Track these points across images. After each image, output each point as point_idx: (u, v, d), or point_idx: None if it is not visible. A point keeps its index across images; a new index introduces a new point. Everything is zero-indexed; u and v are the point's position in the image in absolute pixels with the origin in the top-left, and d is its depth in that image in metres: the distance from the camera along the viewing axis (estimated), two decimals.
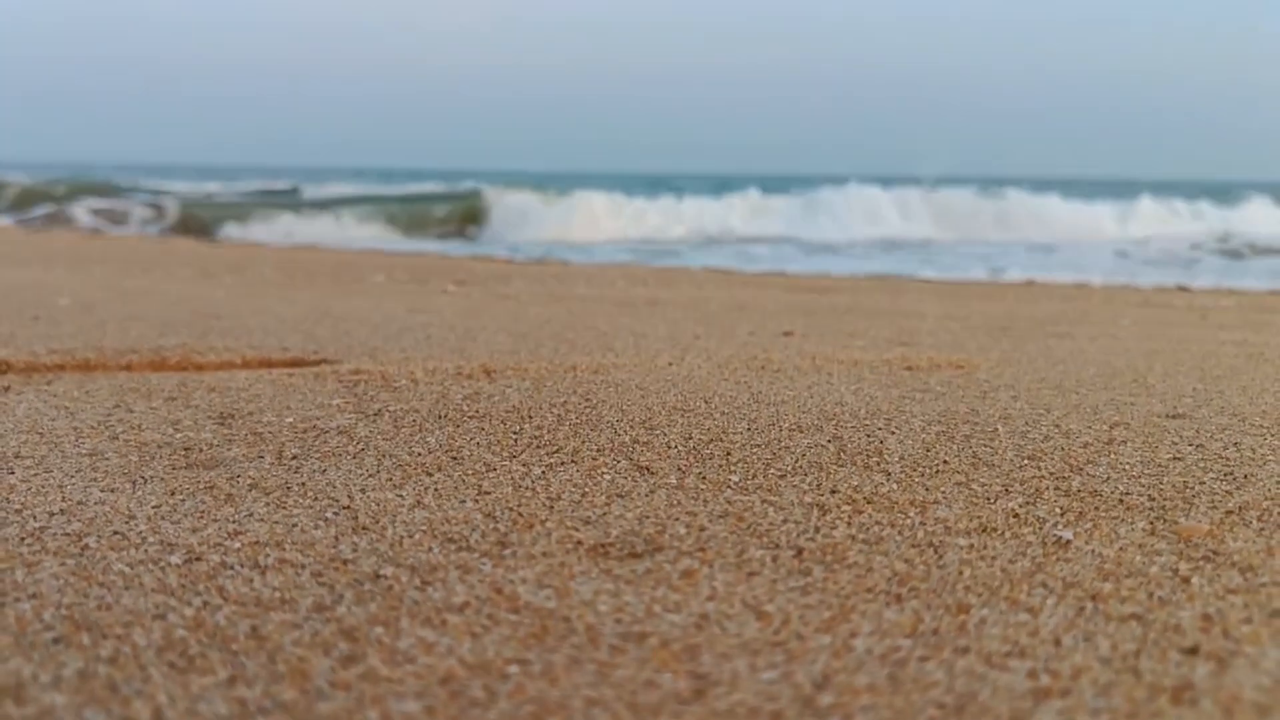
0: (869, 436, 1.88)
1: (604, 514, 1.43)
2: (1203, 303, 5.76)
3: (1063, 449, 1.80)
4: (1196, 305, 5.53)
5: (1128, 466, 1.69)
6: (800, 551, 1.29)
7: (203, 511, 1.42)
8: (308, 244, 11.30)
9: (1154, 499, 1.51)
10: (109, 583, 1.17)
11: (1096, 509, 1.46)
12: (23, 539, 1.30)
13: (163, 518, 1.39)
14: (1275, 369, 2.84)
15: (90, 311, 3.56)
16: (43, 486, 1.53)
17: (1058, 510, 1.46)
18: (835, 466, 1.68)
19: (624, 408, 2.10)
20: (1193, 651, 1.00)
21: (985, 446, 1.81)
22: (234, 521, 1.38)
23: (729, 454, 1.75)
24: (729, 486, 1.56)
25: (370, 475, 1.61)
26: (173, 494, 1.50)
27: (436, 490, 1.53)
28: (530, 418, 2.00)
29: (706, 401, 2.18)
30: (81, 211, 15.46)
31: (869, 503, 1.49)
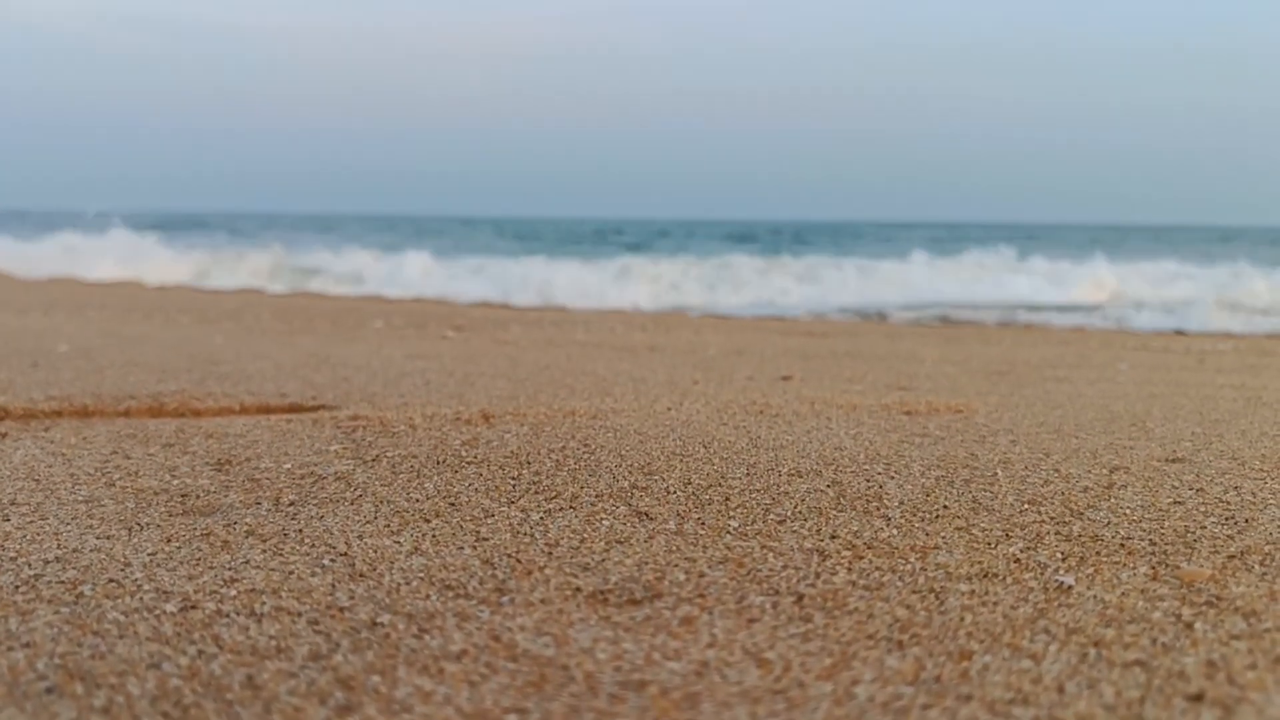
0: (868, 481, 1.87)
1: (603, 560, 1.42)
2: (1200, 347, 5.78)
3: (1063, 493, 1.79)
4: (1194, 349, 5.54)
5: (1128, 511, 1.68)
6: (801, 598, 1.28)
7: (199, 559, 1.41)
8: (306, 290, 11.34)
9: (1155, 544, 1.50)
10: (103, 631, 1.15)
11: (1098, 554, 1.45)
12: (17, 587, 1.29)
13: (159, 565, 1.38)
14: (1274, 413, 2.84)
15: (89, 358, 3.56)
16: (38, 533, 1.52)
17: (1059, 555, 1.45)
18: (835, 512, 1.67)
19: (623, 453, 2.10)
20: (1198, 698, 0.99)
21: (985, 491, 1.81)
22: (230, 569, 1.37)
23: (728, 499, 1.74)
24: (728, 532, 1.56)
25: (368, 522, 1.60)
26: (169, 541, 1.49)
27: (434, 537, 1.53)
28: (529, 463, 2.00)
29: (705, 446, 2.17)
30: None
31: (869, 548, 1.48)
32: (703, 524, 1.60)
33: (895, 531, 1.56)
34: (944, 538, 1.53)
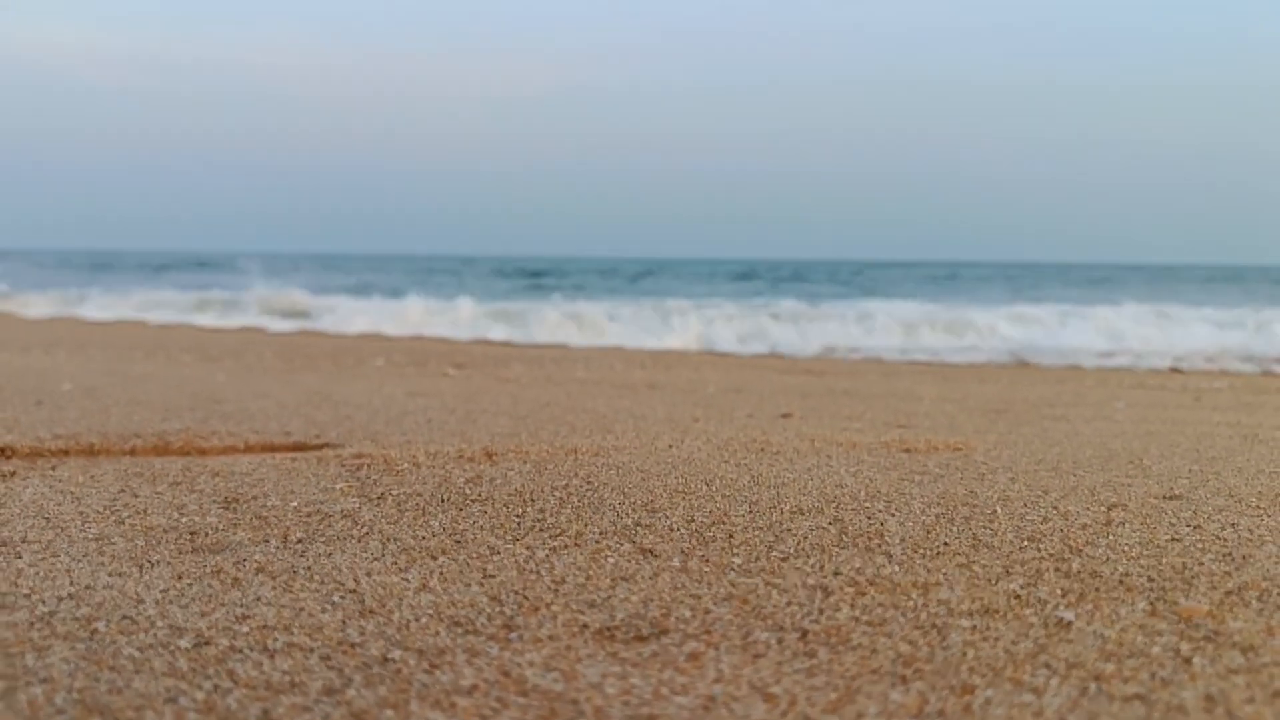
0: (869, 519, 1.90)
1: (609, 597, 1.44)
2: (1196, 385, 5.81)
3: (1061, 530, 1.82)
4: (1190, 387, 5.58)
5: (1126, 548, 1.70)
6: (805, 633, 1.30)
7: (210, 595, 1.43)
8: (308, 329, 11.38)
9: (1153, 580, 1.52)
10: (119, 667, 1.17)
11: (1097, 590, 1.47)
12: (32, 623, 1.31)
13: (171, 602, 1.40)
14: (1270, 450, 2.87)
15: (93, 396, 3.58)
16: (50, 571, 1.54)
17: (1058, 591, 1.47)
18: (837, 549, 1.69)
19: (626, 490, 2.12)
20: None
21: (985, 528, 1.83)
22: (242, 605, 1.39)
23: (731, 536, 1.76)
24: (732, 569, 1.58)
25: (375, 559, 1.62)
26: (180, 578, 1.51)
27: (442, 573, 1.54)
28: (533, 501, 2.02)
29: (708, 484, 2.20)
30: None
31: (871, 584, 1.50)
32: (707, 561, 1.62)
33: (897, 568, 1.58)
34: (945, 574, 1.55)
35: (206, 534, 1.76)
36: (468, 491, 2.10)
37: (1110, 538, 1.77)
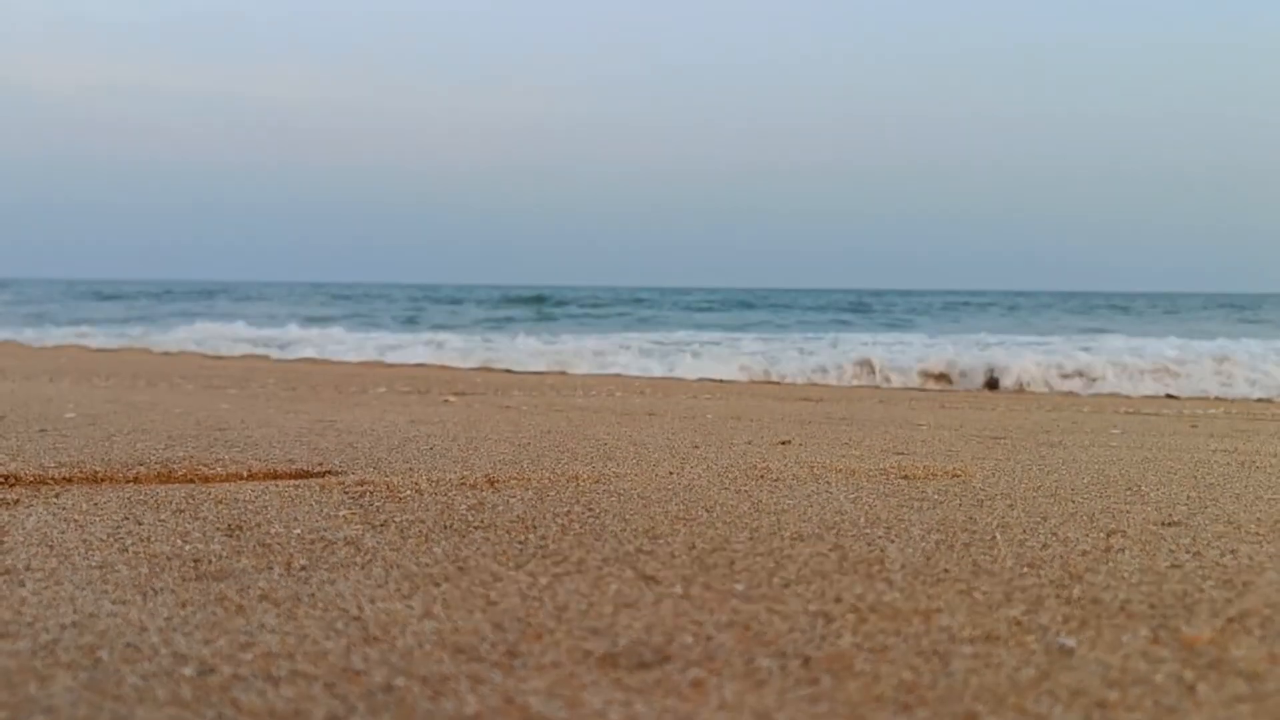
0: (870, 545, 1.90)
1: (611, 624, 1.45)
2: (1192, 411, 5.83)
3: (1061, 557, 1.82)
4: (1186, 414, 5.59)
5: (1127, 574, 1.71)
6: (807, 660, 1.30)
7: (214, 623, 1.43)
8: (310, 357, 11.40)
9: (1155, 606, 1.53)
10: (123, 696, 1.17)
11: (1098, 617, 1.48)
12: (35, 652, 1.31)
13: (174, 629, 1.40)
14: (1267, 477, 2.87)
15: (96, 424, 3.59)
16: (54, 599, 1.54)
17: (1060, 618, 1.47)
18: (838, 575, 1.69)
19: (627, 517, 2.12)
20: None
21: (985, 555, 1.84)
22: (245, 633, 1.39)
23: (732, 563, 1.77)
24: (734, 596, 1.58)
25: (379, 586, 1.62)
26: (184, 606, 1.51)
27: (445, 600, 1.55)
28: (535, 527, 2.02)
29: (708, 511, 2.20)
30: None
31: (873, 611, 1.50)
32: (708, 587, 1.62)
33: (898, 595, 1.58)
34: (946, 601, 1.55)
35: (210, 561, 1.76)
36: (470, 518, 2.10)
37: (1110, 564, 1.77)
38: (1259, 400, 7.32)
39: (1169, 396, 7.67)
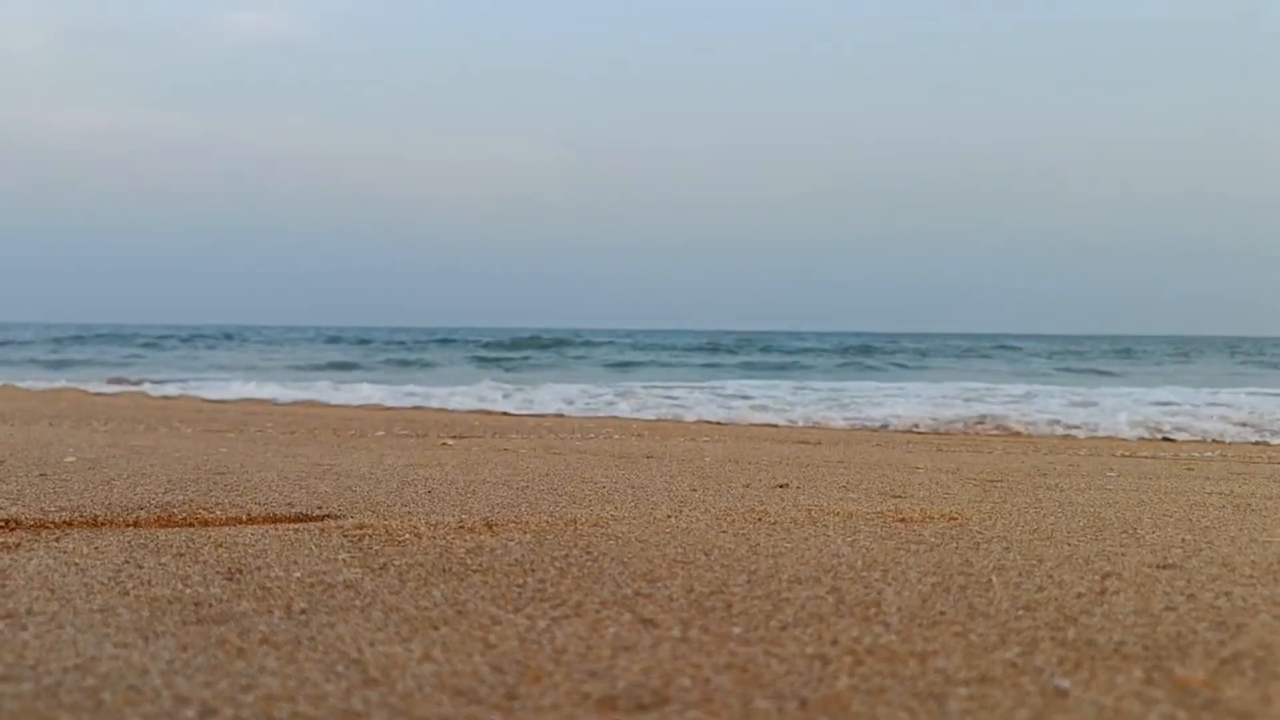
0: (866, 588, 1.91)
1: (610, 667, 1.46)
2: (1188, 454, 5.85)
3: (1057, 599, 1.84)
4: (1181, 456, 5.61)
5: (1121, 616, 1.72)
6: (805, 702, 1.32)
7: (215, 666, 1.44)
8: (307, 400, 11.42)
9: (1149, 648, 1.54)
10: None
11: (1093, 658, 1.49)
12: (38, 695, 1.32)
13: (176, 672, 1.41)
14: (1262, 519, 2.89)
15: (96, 468, 3.60)
16: (55, 642, 1.55)
17: (1055, 660, 1.49)
18: (835, 618, 1.71)
19: (625, 560, 2.14)
20: None
21: (980, 597, 1.85)
22: (246, 675, 1.40)
23: (730, 606, 1.78)
24: (732, 639, 1.59)
25: (378, 629, 1.63)
26: (185, 649, 1.52)
27: (444, 643, 1.56)
28: (533, 571, 2.03)
29: (706, 554, 2.22)
30: None
31: (870, 654, 1.52)
32: (706, 630, 1.63)
33: (894, 637, 1.60)
34: (942, 643, 1.57)
35: (210, 605, 1.77)
36: (468, 562, 2.11)
37: (1105, 606, 1.79)
38: (1255, 443, 7.35)
39: (1165, 439, 7.70)
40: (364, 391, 12.51)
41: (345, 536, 2.37)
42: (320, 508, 2.82)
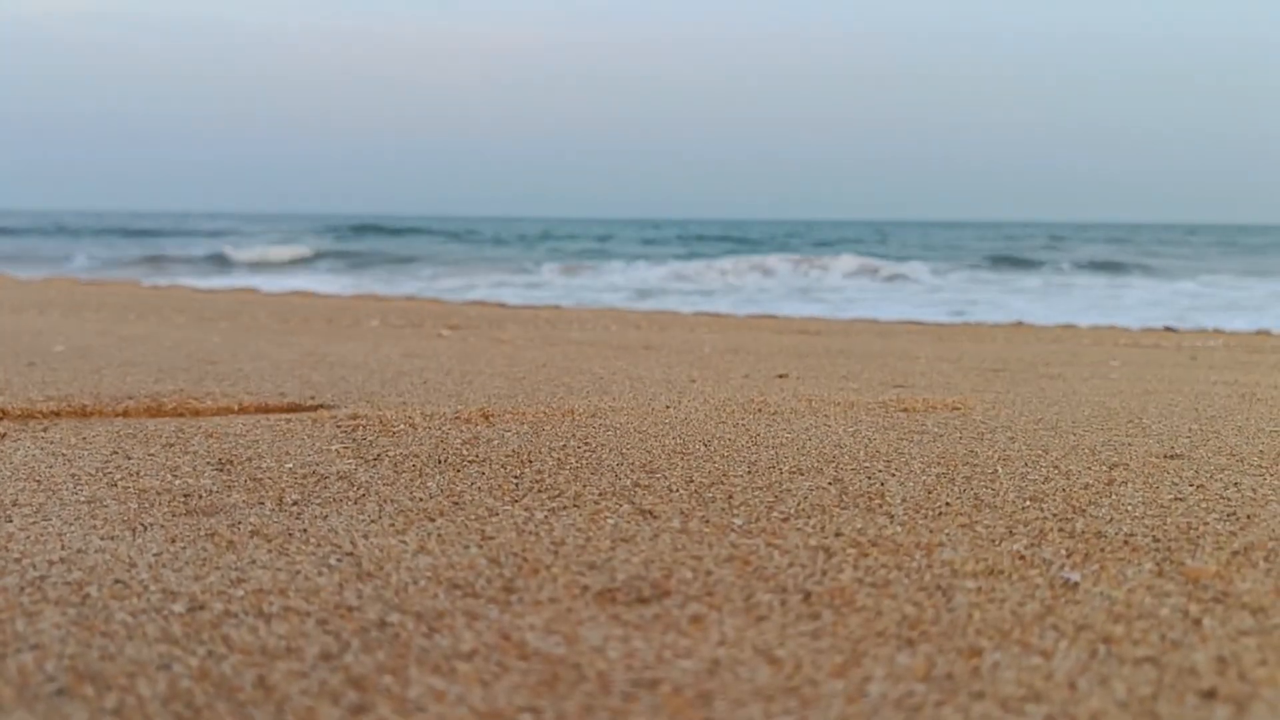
0: (870, 479, 1.88)
1: (609, 559, 1.42)
2: (1191, 344, 5.80)
3: (1064, 490, 1.80)
4: (1185, 346, 5.57)
5: (1130, 507, 1.69)
6: (808, 595, 1.28)
7: (204, 559, 1.41)
8: (302, 289, 11.31)
9: (1159, 540, 1.51)
10: (112, 632, 1.15)
11: (1102, 550, 1.46)
12: (22, 588, 1.29)
13: (164, 565, 1.38)
14: (1269, 409, 2.85)
15: (86, 358, 3.54)
16: (42, 534, 1.51)
17: (1063, 552, 1.45)
18: (838, 509, 1.67)
19: (624, 451, 2.10)
20: (1210, 695, 0.99)
21: (986, 488, 1.81)
22: (236, 569, 1.37)
23: (731, 497, 1.74)
24: (733, 530, 1.56)
25: (372, 521, 1.60)
26: (173, 541, 1.49)
27: (440, 536, 1.52)
28: (530, 462, 2.00)
29: (706, 444, 2.18)
30: None
31: (874, 545, 1.48)
32: (707, 522, 1.60)
33: (899, 529, 1.56)
34: (948, 535, 1.53)
35: (200, 496, 1.73)
36: (465, 453, 2.07)
37: (1113, 497, 1.75)
38: (1257, 332, 7.30)
39: (1167, 329, 7.65)
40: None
41: (339, 427, 2.33)
42: (313, 398, 2.78)
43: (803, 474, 1.91)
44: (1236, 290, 13.46)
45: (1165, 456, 2.10)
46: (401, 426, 2.34)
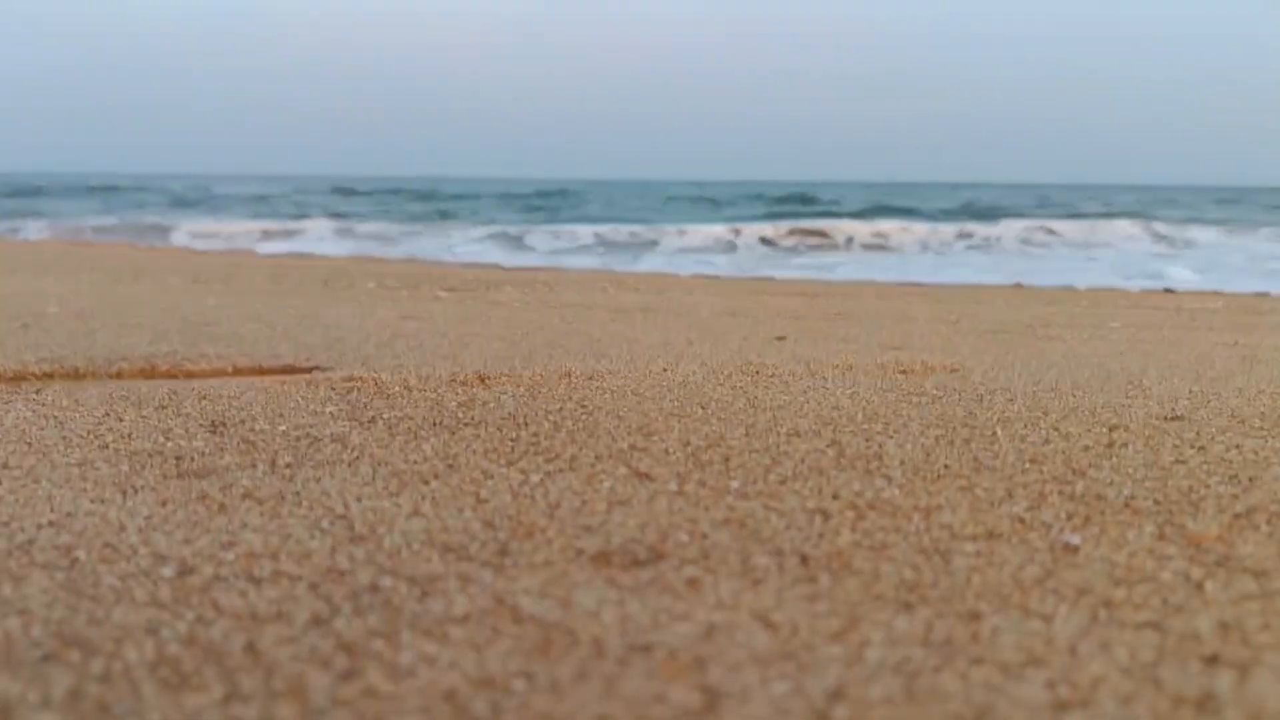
0: (868, 441, 1.86)
1: (605, 522, 1.41)
2: (1190, 305, 5.78)
3: (1063, 452, 1.79)
4: (1185, 308, 5.55)
5: (1130, 470, 1.67)
6: (805, 559, 1.27)
7: (195, 522, 1.39)
8: (299, 252, 11.26)
9: (1160, 503, 1.50)
10: (99, 597, 1.13)
11: (1103, 513, 1.45)
12: (10, 552, 1.27)
13: (154, 529, 1.36)
14: (1269, 370, 2.84)
15: (80, 319, 3.52)
16: (31, 497, 1.49)
17: (1063, 515, 1.44)
18: (836, 472, 1.66)
19: (620, 414, 2.08)
20: (1213, 660, 0.98)
21: (985, 450, 1.80)
22: (227, 532, 1.35)
23: (728, 460, 1.73)
24: (729, 493, 1.54)
25: (366, 484, 1.58)
26: (164, 504, 1.47)
27: (434, 499, 1.51)
28: (526, 425, 1.98)
29: (703, 407, 2.16)
30: None
31: (872, 508, 1.47)
32: (703, 485, 1.58)
33: (897, 491, 1.55)
34: (947, 497, 1.52)
35: (192, 459, 1.71)
36: (460, 415, 2.06)
37: (1113, 460, 1.74)
38: (1256, 294, 7.28)
39: (1166, 290, 7.63)
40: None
41: (333, 389, 2.31)
42: (308, 359, 2.75)
43: (800, 436, 1.89)
44: None
45: (1166, 418, 2.09)
46: (396, 389, 2.32)
